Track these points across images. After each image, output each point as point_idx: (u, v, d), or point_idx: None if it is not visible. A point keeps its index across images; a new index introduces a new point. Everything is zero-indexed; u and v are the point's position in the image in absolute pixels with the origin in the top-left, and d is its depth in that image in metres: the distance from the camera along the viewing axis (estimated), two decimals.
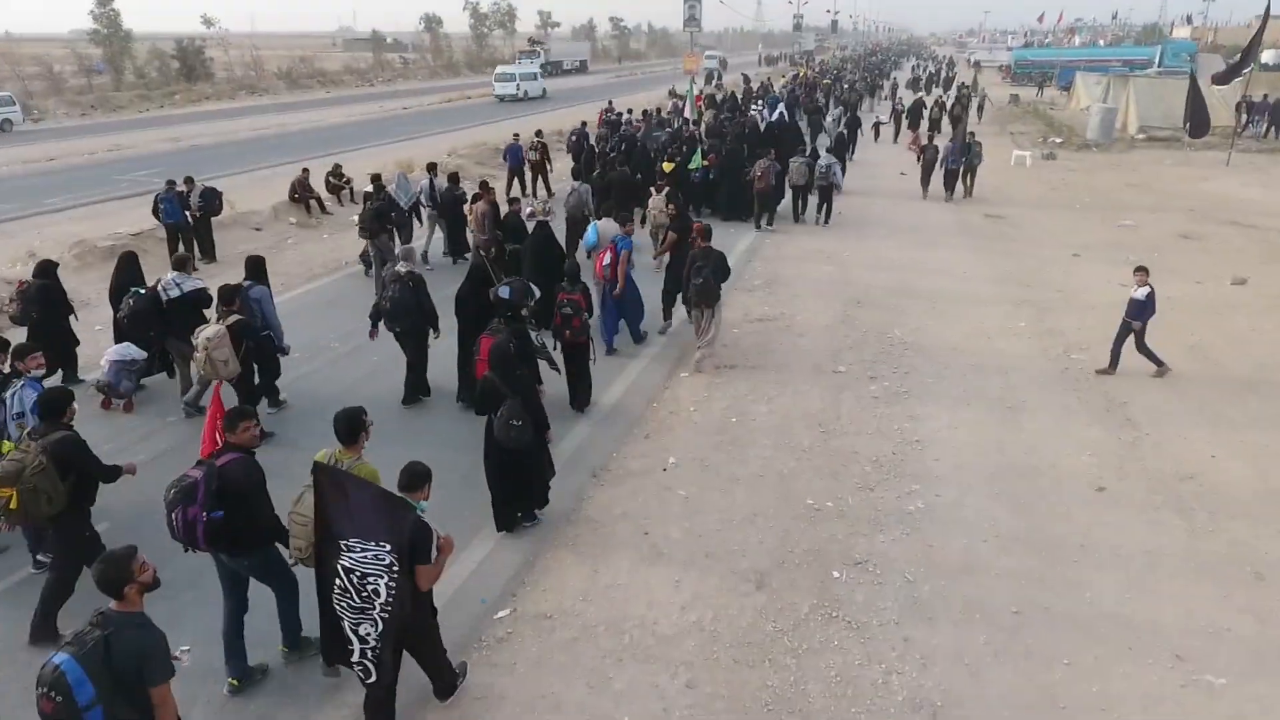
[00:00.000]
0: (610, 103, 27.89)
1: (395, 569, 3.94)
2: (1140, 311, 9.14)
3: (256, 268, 8.21)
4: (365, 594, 3.95)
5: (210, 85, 51.88)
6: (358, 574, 3.93)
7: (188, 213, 13.30)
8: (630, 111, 26.20)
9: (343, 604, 4.01)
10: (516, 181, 18.75)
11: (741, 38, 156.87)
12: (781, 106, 23.33)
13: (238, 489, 4.46)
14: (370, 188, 13.07)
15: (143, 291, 8.17)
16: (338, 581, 3.96)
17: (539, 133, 19.81)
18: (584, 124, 21.41)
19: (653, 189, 13.08)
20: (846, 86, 39.61)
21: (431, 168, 13.99)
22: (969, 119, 29.78)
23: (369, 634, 4.03)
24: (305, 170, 16.96)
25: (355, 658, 4.08)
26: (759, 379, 9.31)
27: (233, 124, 35.32)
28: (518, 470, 6.10)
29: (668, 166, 15.53)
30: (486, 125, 33.04)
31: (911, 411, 8.61)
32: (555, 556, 6.15)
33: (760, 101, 28.17)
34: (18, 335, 7.97)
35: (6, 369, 6.13)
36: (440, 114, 39.34)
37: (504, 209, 11.79)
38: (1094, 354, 10.05)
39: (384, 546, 3.90)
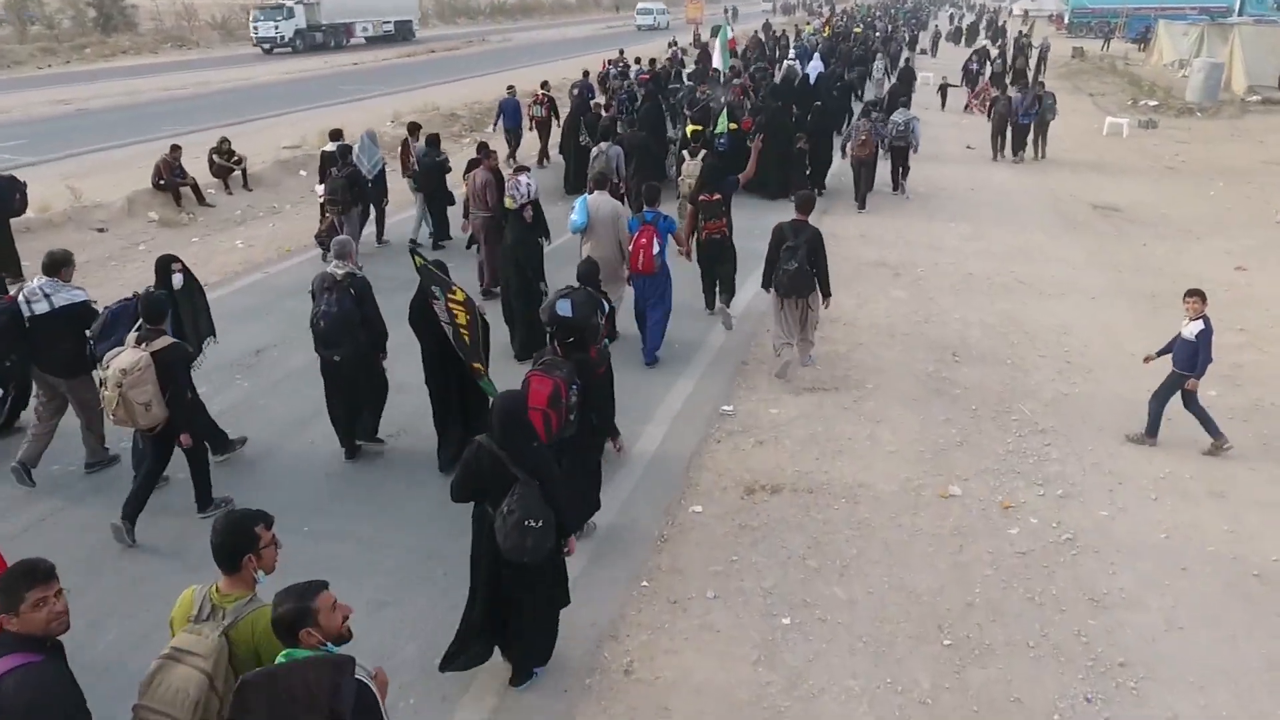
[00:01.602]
0: (621, 51, 25.12)
1: None
2: (1191, 357, 6.54)
3: (162, 271, 6.52)
4: None
5: (130, 37, 48.02)
6: None
7: None
8: (638, 61, 23.42)
9: None
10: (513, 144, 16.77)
11: None
12: (818, 57, 20.02)
13: None
14: (330, 146, 11.55)
15: None
16: None
17: (545, 84, 17.57)
18: (586, 74, 19.22)
19: (686, 153, 11.20)
20: (878, 36, 36.25)
21: (414, 129, 12.49)
22: (1032, 72, 26.85)
23: None
24: (175, 148, 13.51)
25: None
26: (820, 521, 6.04)
27: (142, 82, 31.67)
28: (520, 596, 4.35)
29: (693, 129, 13.30)
30: (444, 85, 29.53)
31: (1090, 583, 5.39)
32: None
33: (792, 52, 24.97)
34: None
35: None
36: (396, 70, 35.80)
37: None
38: None
39: None
